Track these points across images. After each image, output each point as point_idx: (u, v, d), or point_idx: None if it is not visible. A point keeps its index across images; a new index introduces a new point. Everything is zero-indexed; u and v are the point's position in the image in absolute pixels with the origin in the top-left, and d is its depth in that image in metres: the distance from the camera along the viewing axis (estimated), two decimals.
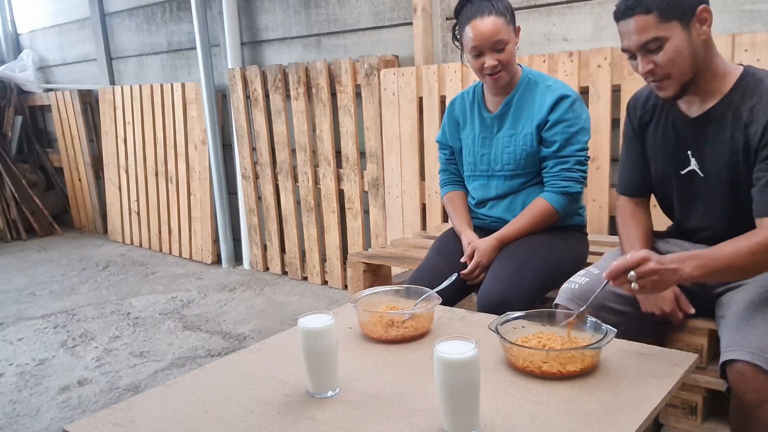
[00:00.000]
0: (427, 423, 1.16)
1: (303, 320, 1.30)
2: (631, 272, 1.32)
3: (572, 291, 1.67)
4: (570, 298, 1.66)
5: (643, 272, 1.32)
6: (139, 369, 2.84)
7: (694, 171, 1.59)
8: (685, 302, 1.59)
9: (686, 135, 1.58)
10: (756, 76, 1.48)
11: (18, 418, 2.48)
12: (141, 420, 1.25)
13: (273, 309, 3.52)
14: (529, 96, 2.03)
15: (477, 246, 1.99)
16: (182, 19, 4.54)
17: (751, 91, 1.46)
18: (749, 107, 1.45)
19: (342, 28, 3.59)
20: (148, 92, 4.76)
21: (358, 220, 3.61)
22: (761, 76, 1.48)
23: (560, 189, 1.99)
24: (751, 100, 1.46)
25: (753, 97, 1.46)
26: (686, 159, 1.60)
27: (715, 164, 1.54)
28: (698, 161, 1.57)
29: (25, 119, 6.04)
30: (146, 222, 5.02)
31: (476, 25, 1.91)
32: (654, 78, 1.48)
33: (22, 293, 4.10)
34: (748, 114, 1.45)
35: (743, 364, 1.33)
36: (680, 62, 1.43)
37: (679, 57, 1.43)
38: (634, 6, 1.41)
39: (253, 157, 4.13)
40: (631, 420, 1.12)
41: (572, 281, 1.72)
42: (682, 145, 1.60)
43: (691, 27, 1.43)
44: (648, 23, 1.40)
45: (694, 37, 1.43)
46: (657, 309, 1.56)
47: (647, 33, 1.41)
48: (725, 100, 1.50)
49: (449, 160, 2.27)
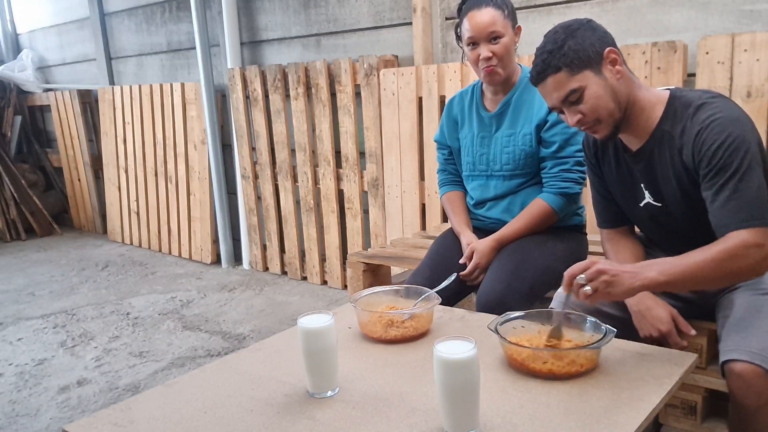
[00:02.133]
0: (427, 423, 1.16)
1: (302, 320, 1.30)
2: (580, 275, 1.33)
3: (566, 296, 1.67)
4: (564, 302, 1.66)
5: (591, 274, 1.32)
6: (139, 369, 2.84)
7: (650, 203, 1.60)
8: (684, 324, 1.54)
9: (634, 169, 1.60)
10: (682, 99, 1.49)
11: (17, 418, 2.48)
12: (140, 420, 1.24)
13: (272, 309, 3.52)
14: (528, 96, 2.03)
15: (476, 247, 1.99)
16: (182, 19, 4.54)
17: (680, 116, 1.47)
18: (679, 131, 1.46)
19: (342, 28, 3.59)
20: (147, 92, 4.76)
21: (357, 220, 3.61)
22: (688, 98, 1.48)
23: (559, 190, 1.99)
24: (680, 124, 1.46)
25: (681, 120, 1.46)
26: (641, 192, 1.61)
27: (668, 194, 1.55)
28: (651, 193, 1.59)
29: (25, 119, 6.05)
30: (146, 222, 5.01)
31: (473, 16, 1.93)
32: (586, 126, 1.51)
33: (21, 293, 4.10)
34: (679, 138, 1.46)
35: (743, 364, 1.33)
36: (604, 105, 1.47)
37: (600, 101, 1.46)
38: (544, 69, 1.47)
39: (252, 157, 4.13)
40: (630, 420, 1.12)
41: None
42: (634, 179, 1.61)
43: (603, 70, 1.46)
44: (561, 80, 1.45)
45: (609, 79, 1.47)
46: (654, 331, 1.53)
47: (563, 88, 1.46)
48: (658, 130, 1.51)
49: (448, 159, 2.27)
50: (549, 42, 1.46)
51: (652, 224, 1.65)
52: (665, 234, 1.65)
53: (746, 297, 1.48)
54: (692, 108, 1.45)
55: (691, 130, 1.43)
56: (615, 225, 1.75)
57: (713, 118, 1.40)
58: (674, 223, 1.58)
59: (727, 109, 1.41)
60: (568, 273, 1.35)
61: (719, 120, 1.39)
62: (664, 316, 1.52)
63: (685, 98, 1.49)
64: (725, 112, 1.40)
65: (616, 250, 1.71)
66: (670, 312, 1.53)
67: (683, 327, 1.53)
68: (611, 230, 1.75)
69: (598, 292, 1.33)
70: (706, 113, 1.42)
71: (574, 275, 1.34)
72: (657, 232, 1.67)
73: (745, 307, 1.46)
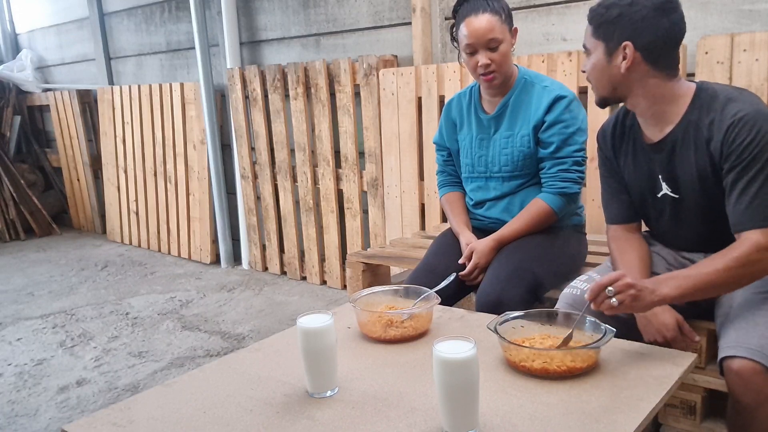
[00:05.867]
0: (426, 423, 1.16)
1: (302, 320, 1.30)
2: (609, 288, 1.33)
3: (573, 296, 1.67)
4: (571, 304, 1.66)
5: (620, 287, 1.33)
6: (138, 369, 2.84)
7: (668, 195, 1.60)
8: (689, 330, 1.54)
9: (653, 160, 1.60)
10: (709, 91, 1.49)
11: (17, 418, 2.48)
12: (140, 420, 1.24)
13: (272, 309, 3.52)
14: (525, 97, 2.03)
15: (475, 247, 1.99)
16: (181, 19, 4.54)
17: (708, 107, 1.47)
18: (708, 123, 1.46)
19: (341, 28, 3.59)
20: (146, 92, 4.76)
21: (357, 220, 3.61)
22: (715, 90, 1.49)
23: (558, 190, 1.99)
24: (708, 116, 1.47)
25: (710, 112, 1.46)
26: (658, 183, 1.61)
27: (686, 185, 1.55)
28: (669, 184, 1.59)
29: (24, 119, 6.04)
30: (145, 222, 5.01)
31: (470, 23, 1.92)
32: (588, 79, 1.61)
33: (20, 293, 4.09)
34: (707, 130, 1.46)
35: (742, 361, 1.33)
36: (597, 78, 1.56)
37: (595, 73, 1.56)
38: (591, 15, 1.56)
39: (251, 157, 4.13)
40: (630, 419, 1.12)
41: (573, 286, 1.72)
42: (652, 171, 1.62)
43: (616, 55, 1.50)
44: (588, 33, 1.57)
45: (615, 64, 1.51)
46: (660, 336, 1.53)
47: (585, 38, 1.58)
48: (684, 121, 1.51)
49: (447, 161, 2.27)
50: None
51: (665, 217, 1.65)
52: (676, 227, 1.64)
53: (746, 294, 1.49)
54: (721, 100, 1.45)
55: (721, 122, 1.43)
56: (623, 221, 1.74)
57: (745, 112, 1.40)
58: (689, 215, 1.59)
59: (756, 104, 1.43)
60: (596, 284, 1.35)
61: (751, 115, 1.40)
62: (670, 323, 1.52)
63: (712, 90, 1.49)
64: (755, 107, 1.41)
65: (621, 250, 1.70)
66: (676, 318, 1.53)
67: (688, 333, 1.53)
68: (619, 227, 1.75)
69: (622, 305, 1.34)
70: (736, 107, 1.42)
71: (603, 286, 1.34)
72: (668, 225, 1.67)
73: (744, 304, 1.46)
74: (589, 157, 2.07)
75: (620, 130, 1.69)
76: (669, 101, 1.52)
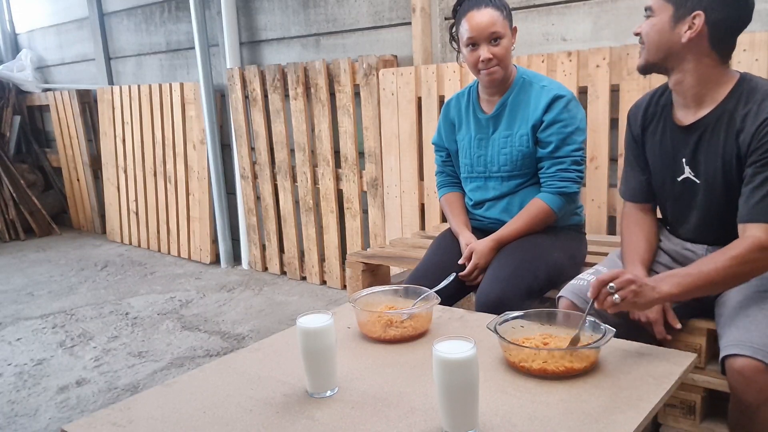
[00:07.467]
0: (426, 422, 1.16)
1: (302, 320, 1.30)
2: (610, 284, 1.34)
3: (580, 287, 1.69)
4: (575, 292, 1.69)
5: (621, 282, 1.34)
6: (138, 369, 2.84)
7: (689, 178, 1.61)
8: (672, 317, 1.59)
9: (680, 143, 1.60)
10: (751, 83, 1.50)
11: (16, 418, 2.48)
12: (139, 420, 1.24)
13: (272, 309, 3.52)
14: (524, 96, 2.03)
15: (474, 247, 2.00)
16: (181, 19, 4.53)
17: (746, 99, 1.48)
18: (743, 115, 1.47)
19: (341, 28, 3.59)
20: (146, 92, 4.76)
21: (356, 220, 3.61)
22: (757, 84, 1.49)
23: (557, 189, 1.99)
24: (744, 108, 1.47)
25: (747, 104, 1.47)
26: (681, 166, 1.62)
27: (709, 171, 1.56)
28: (692, 168, 1.60)
29: (24, 119, 6.04)
30: (145, 222, 5.01)
31: (472, 17, 1.92)
32: (641, 44, 1.57)
33: (20, 293, 4.09)
34: (741, 121, 1.47)
35: (744, 359, 1.33)
36: (655, 42, 1.53)
37: (654, 36, 1.53)
38: None
39: (251, 157, 4.13)
40: (629, 419, 1.12)
41: (581, 278, 1.75)
42: (677, 153, 1.62)
43: (681, 22, 1.48)
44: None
45: (678, 32, 1.49)
46: (643, 316, 1.57)
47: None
48: (720, 108, 1.52)
49: (446, 161, 2.27)
50: None
51: (682, 201, 1.66)
52: (692, 212, 1.65)
53: (746, 293, 1.49)
54: (761, 95, 1.46)
55: (757, 116, 1.44)
56: (640, 200, 1.77)
57: None
58: (706, 200, 1.60)
59: None
60: (598, 280, 1.35)
61: None
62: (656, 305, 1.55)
63: (754, 83, 1.50)
64: None
65: (630, 229, 1.74)
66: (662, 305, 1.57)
67: (671, 320, 1.58)
68: (635, 205, 1.78)
69: (624, 302, 1.34)
70: None
71: (604, 282, 1.34)
72: (684, 209, 1.68)
73: (745, 302, 1.46)
74: (588, 156, 2.07)
75: (653, 108, 1.69)
76: (713, 85, 1.52)
